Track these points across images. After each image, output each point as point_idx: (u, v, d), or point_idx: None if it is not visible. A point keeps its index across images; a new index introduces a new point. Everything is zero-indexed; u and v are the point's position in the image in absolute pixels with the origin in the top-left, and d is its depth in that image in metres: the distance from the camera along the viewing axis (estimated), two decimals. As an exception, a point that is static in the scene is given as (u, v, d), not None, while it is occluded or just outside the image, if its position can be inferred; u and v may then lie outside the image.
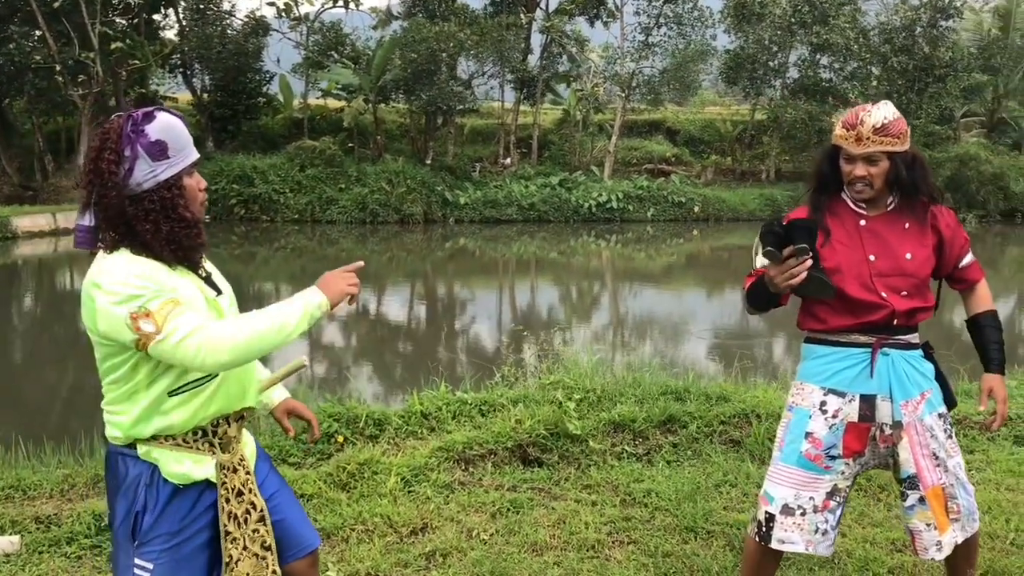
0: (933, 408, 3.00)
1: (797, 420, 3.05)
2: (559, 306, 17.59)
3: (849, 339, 2.97)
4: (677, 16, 30.42)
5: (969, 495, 3.03)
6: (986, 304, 3.15)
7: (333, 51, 29.19)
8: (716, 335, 13.73)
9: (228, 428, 2.37)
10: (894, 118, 2.82)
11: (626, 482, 4.48)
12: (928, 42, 30.46)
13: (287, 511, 2.52)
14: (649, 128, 35.33)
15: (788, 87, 31.99)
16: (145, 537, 2.25)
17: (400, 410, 5.12)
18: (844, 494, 3.04)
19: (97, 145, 2.21)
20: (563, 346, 7.17)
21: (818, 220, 2.97)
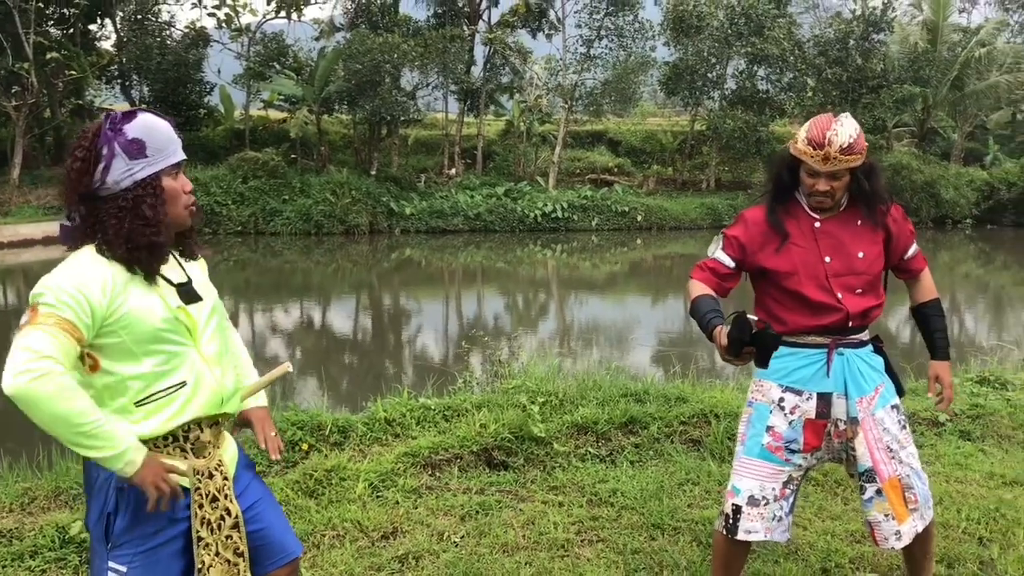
0: (886, 401, 3.13)
1: (758, 415, 3.16)
2: (509, 315, 17.66)
3: (806, 340, 3.08)
4: (618, 29, 30.85)
5: (924, 484, 3.16)
6: (930, 293, 3.31)
7: (275, 62, 28.95)
8: (662, 340, 13.93)
9: (201, 434, 2.35)
10: (857, 135, 2.91)
11: (591, 483, 4.55)
12: (861, 54, 31.30)
13: (269, 519, 2.51)
14: (592, 139, 35.72)
15: (726, 98, 32.59)
16: (118, 540, 2.24)
17: (364, 417, 5.13)
18: (797, 483, 3.18)
19: (76, 144, 2.22)
20: (518, 353, 7.23)
21: (776, 222, 3.08)
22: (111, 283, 2.15)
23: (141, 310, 2.18)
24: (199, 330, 2.32)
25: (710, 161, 33.25)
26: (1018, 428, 5.56)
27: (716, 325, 2.93)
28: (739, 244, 3.10)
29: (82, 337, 2.10)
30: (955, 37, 34.41)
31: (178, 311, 2.26)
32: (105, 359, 2.19)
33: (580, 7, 30.85)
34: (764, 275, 3.12)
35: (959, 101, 34.47)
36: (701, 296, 3.06)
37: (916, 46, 32.53)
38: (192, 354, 2.29)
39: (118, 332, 2.16)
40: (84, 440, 2.08)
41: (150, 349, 2.20)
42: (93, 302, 2.10)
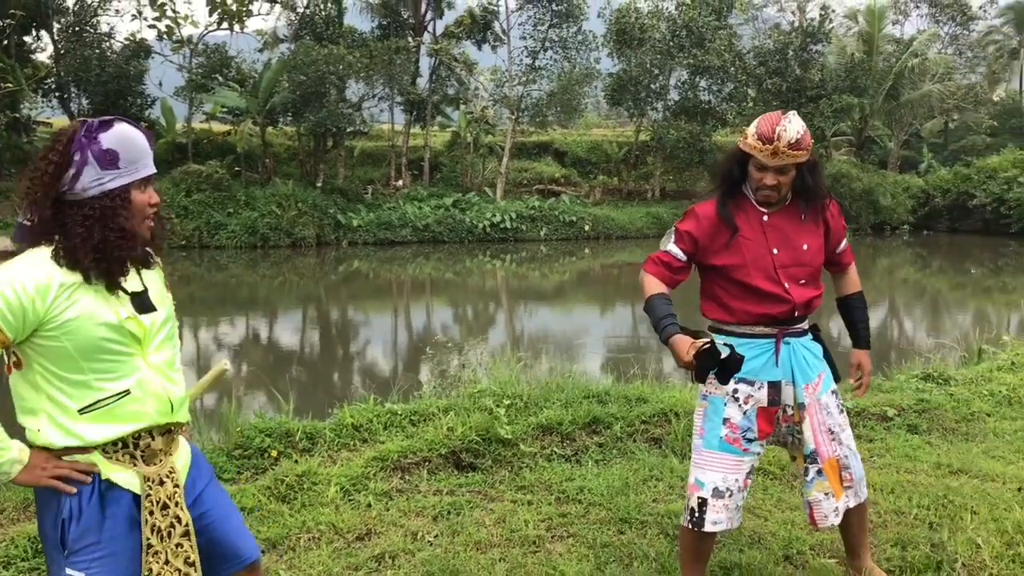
0: (827, 387, 3.33)
1: (713, 408, 3.30)
2: (462, 325, 17.73)
3: (755, 331, 3.24)
4: (562, 40, 31.18)
5: (859, 464, 3.36)
6: (855, 286, 3.53)
7: (218, 74, 28.73)
8: (613, 347, 14.13)
9: (152, 441, 2.35)
10: (804, 132, 3.09)
11: (559, 481, 4.65)
12: (799, 65, 32.05)
13: (223, 524, 2.51)
14: (538, 149, 35.99)
15: (670, 108, 33.11)
16: (74, 546, 2.23)
17: (332, 423, 5.18)
18: (753, 474, 3.34)
19: (47, 146, 2.23)
20: (477, 360, 7.32)
21: (727, 216, 3.23)
22: (55, 288, 2.15)
23: (86, 318, 2.18)
24: (148, 339, 2.32)
25: (655, 171, 33.73)
26: (961, 421, 5.81)
27: (672, 333, 3.05)
28: (691, 238, 3.25)
29: (7, 340, 2.14)
30: (889, 48, 35.43)
31: (127, 321, 2.25)
32: (44, 360, 2.19)
33: (525, 19, 31.17)
34: (714, 269, 3.27)
35: (894, 110, 35.49)
36: (655, 296, 3.18)
37: (853, 57, 33.41)
38: (138, 363, 2.29)
39: (59, 337, 2.17)
40: None
41: (92, 356, 2.20)
42: (27, 307, 2.12)
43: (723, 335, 3.27)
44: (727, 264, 3.21)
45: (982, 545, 3.79)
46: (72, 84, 28.55)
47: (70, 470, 2.23)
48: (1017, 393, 6.32)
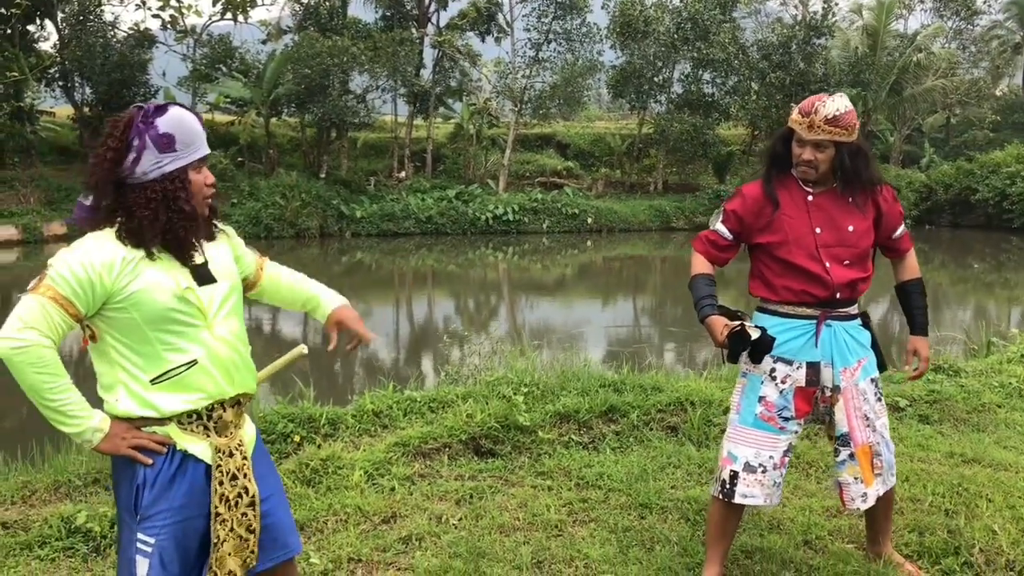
0: (867, 374, 3.38)
1: (751, 386, 3.38)
2: (468, 316, 17.81)
3: (797, 311, 3.31)
4: (566, 32, 31.11)
5: (890, 452, 3.43)
6: (913, 272, 3.57)
7: (222, 64, 28.73)
8: (620, 337, 14.20)
9: (224, 413, 2.45)
10: (846, 111, 3.15)
11: (578, 468, 4.72)
12: (803, 59, 32.01)
13: (279, 514, 2.59)
14: (541, 142, 35.98)
15: (673, 101, 33.08)
16: (147, 512, 2.34)
17: (352, 409, 5.24)
18: (791, 451, 3.41)
19: (107, 132, 2.33)
20: (490, 349, 7.39)
21: (770, 192, 3.30)
22: (120, 264, 2.27)
23: (151, 289, 2.29)
24: (212, 310, 2.41)
25: (658, 164, 33.73)
26: (972, 412, 5.87)
27: (708, 314, 3.22)
28: (737, 217, 3.34)
29: (78, 313, 2.25)
30: (893, 42, 35.37)
31: (187, 291, 2.35)
32: (116, 332, 2.31)
33: (528, 11, 31.08)
34: (759, 247, 3.34)
35: (898, 105, 35.49)
36: (699, 276, 3.35)
37: (856, 51, 33.39)
38: (204, 334, 2.39)
39: (127, 308, 2.28)
40: (49, 413, 2.27)
41: (159, 327, 2.31)
42: (95, 280, 2.24)
43: (767, 313, 3.35)
44: (770, 241, 3.28)
45: (999, 532, 3.86)
46: (76, 73, 28.50)
47: (148, 440, 2.34)
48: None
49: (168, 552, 2.37)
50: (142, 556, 2.36)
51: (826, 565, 3.60)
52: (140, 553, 2.36)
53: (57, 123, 30.16)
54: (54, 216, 24.62)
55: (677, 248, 28.42)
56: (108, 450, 2.35)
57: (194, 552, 2.44)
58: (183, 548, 2.41)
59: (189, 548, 2.43)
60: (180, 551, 2.40)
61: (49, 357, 2.23)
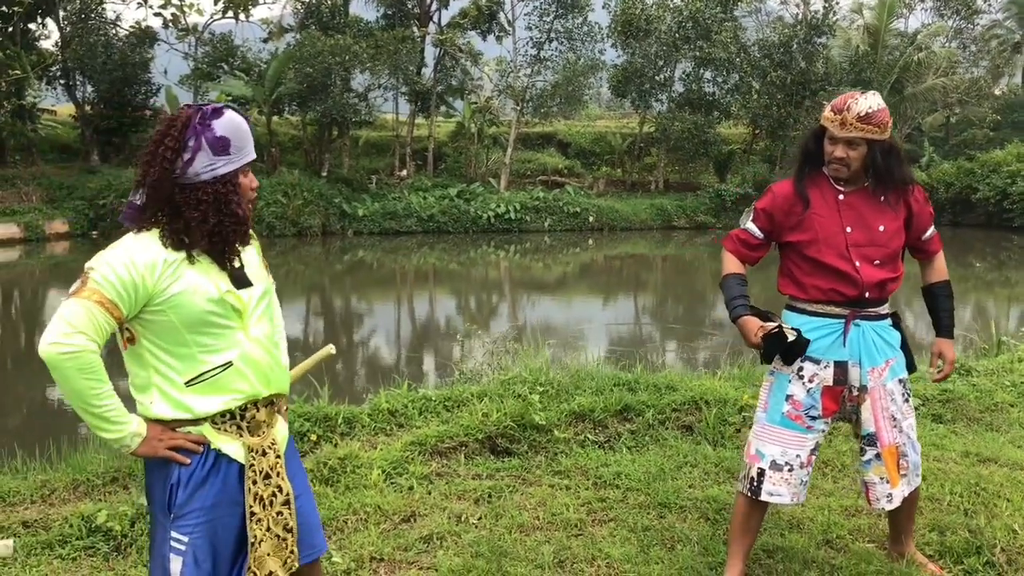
0: (895, 374, 3.37)
1: (779, 384, 3.39)
2: (476, 314, 17.80)
3: (826, 310, 3.31)
4: (568, 31, 31.12)
5: (916, 453, 3.43)
6: (941, 275, 3.56)
7: (224, 63, 28.72)
8: (619, 335, 14.21)
9: (257, 413, 2.46)
10: (878, 109, 3.14)
11: (595, 467, 4.72)
12: (804, 58, 32.00)
13: (306, 514, 2.59)
14: (542, 140, 36.01)
15: (674, 100, 33.08)
16: (180, 511, 2.35)
17: (368, 408, 5.24)
18: (818, 449, 3.42)
19: (162, 130, 2.33)
20: (502, 348, 7.39)
21: (801, 190, 3.31)
22: (161, 266, 2.26)
23: (191, 292, 2.29)
24: (248, 313, 2.42)
25: (659, 162, 33.76)
26: (985, 411, 5.88)
27: (741, 314, 3.24)
28: (767, 215, 3.34)
29: (121, 316, 2.25)
30: (894, 41, 35.40)
31: (227, 294, 2.36)
32: (151, 335, 2.31)
33: (530, 9, 31.09)
34: (789, 246, 3.34)
35: (898, 104, 35.43)
36: (731, 275, 3.36)
37: (857, 49, 33.40)
38: (239, 336, 2.39)
39: (165, 311, 2.28)
40: (91, 419, 2.26)
41: (197, 329, 2.31)
42: (138, 282, 2.23)
43: (796, 312, 3.36)
44: (800, 240, 3.29)
45: (1019, 531, 3.86)
46: (77, 71, 28.49)
47: (184, 441, 2.35)
48: (1039, 384, 6.40)
49: (202, 550, 2.38)
50: (175, 554, 2.36)
51: (848, 565, 3.60)
52: (174, 551, 2.37)
53: (58, 121, 30.14)
54: (55, 214, 24.63)
55: (678, 247, 28.44)
56: (146, 453, 2.35)
57: (229, 552, 2.44)
58: (216, 547, 2.41)
59: (222, 547, 2.43)
60: (213, 550, 2.40)
61: (97, 363, 2.23)
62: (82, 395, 2.23)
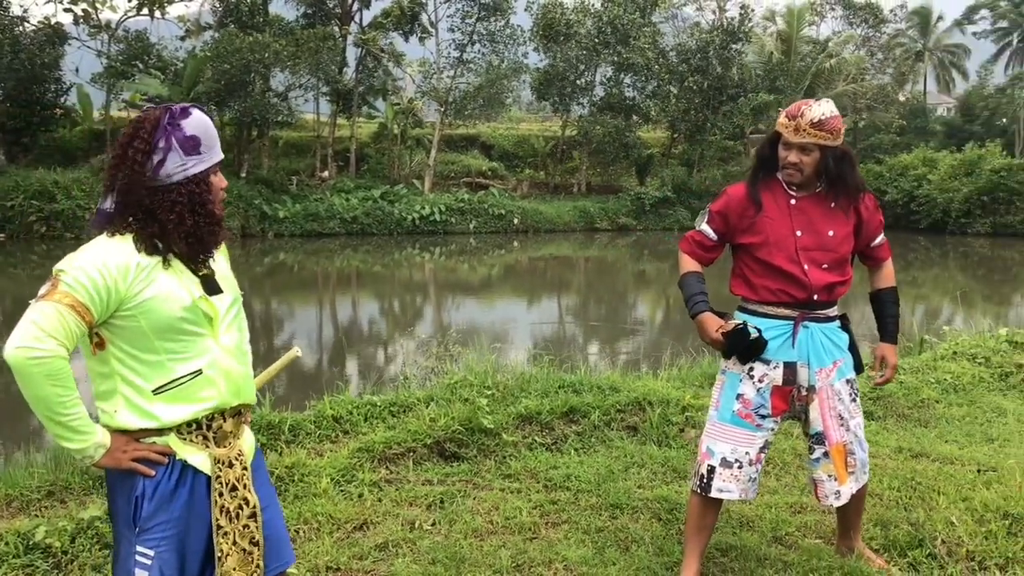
0: (843, 375, 3.47)
1: (730, 383, 3.46)
2: (396, 317, 17.68)
3: (776, 311, 3.38)
4: (490, 34, 31.26)
5: (864, 451, 3.53)
6: (889, 281, 3.67)
7: (139, 61, 27.94)
8: (543, 335, 14.30)
9: (224, 423, 2.39)
10: (831, 115, 3.23)
11: (544, 469, 4.73)
12: (720, 63, 32.75)
13: (274, 527, 2.54)
14: (465, 143, 36.06)
15: (595, 104, 33.47)
16: (146, 524, 2.27)
17: (312, 415, 5.16)
18: (768, 448, 3.49)
19: (130, 132, 2.25)
20: (438, 351, 7.34)
21: (753, 194, 3.37)
22: (135, 270, 2.19)
23: (162, 298, 2.22)
24: (218, 320, 2.36)
25: (581, 165, 34.12)
26: (913, 408, 6.10)
27: (701, 311, 3.29)
28: (722, 217, 3.40)
29: (92, 320, 2.16)
30: (806, 48, 36.43)
31: (200, 300, 2.30)
32: (120, 341, 2.23)
33: (453, 11, 31.14)
34: (742, 247, 3.41)
35: (809, 109, 36.44)
36: (689, 274, 3.42)
37: (771, 56, 34.27)
38: (210, 343, 2.33)
39: (136, 316, 2.20)
40: (55, 428, 2.17)
41: (166, 336, 2.24)
42: (111, 286, 2.15)
43: (747, 312, 3.42)
44: (752, 242, 3.35)
45: (956, 523, 4.01)
46: (-19, 70, 27.40)
47: (149, 452, 2.27)
48: (961, 380, 6.65)
49: (169, 565, 2.30)
50: (141, 569, 2.28)
51: (800, 561, 3.68)
52: (139, 566, 2.28)
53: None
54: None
55: (601, 248, 28.76)
56: (109, 465, 2.26)
57: (195, 568, 2.37)
58: (183, 561, 2.34)
59: (190, 562, 2.35)
60: (180, 564, 2.33)
61: (66, 369, 2.13)
62: (48, 403, 2.13)
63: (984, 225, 31.54)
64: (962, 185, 31.48)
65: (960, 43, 57.87)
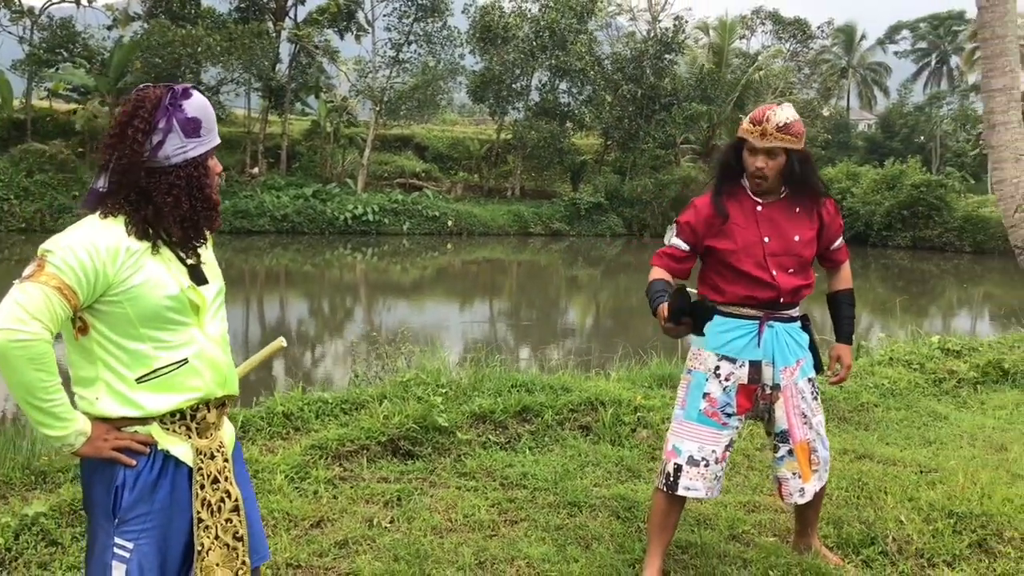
0: (805, 374, 3.54)
1: (696, 382, 3.49)
2: (325, 318, 17.47)
3: (741, 312, 3.44)
4: (427, 34, 31.14)
5: (825, 448, 3.61)
6: (846, 283, 3.76)
7: (63, 49, 27.12)
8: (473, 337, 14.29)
9: (208, 414, 2.33)
10: (795, 119, 3.30)
11: (500, 468, 4.72)
12: (654, 73, 33.20)
13: (252, 522, 2.48)
14: (400, 143, 35.87)
15: (531, 109, 33.61)
16: (126, 515, 2.19)
17: (262, 411, 5.06)
18: (732, 446, 3.54)
19: (128, 111, 2.17)
20: (386, 350, 7.26)
21: (718, 204, 3.42)
22: (124, 254, 2.12)
23: (150, 285, 2.15)
24: (205, 310, 2.30)
25: (515, 169, 34.20)
26: (853, 411, 6.24)
27: (659, 303, 3.27)
28: (690, 228, 3.43)
29: (78, 304, 2.08)
30: (737, 61, 37.17)
31: (188, 290, 2.24)
32: (103, 326, 2.15)
33: (389, 11, 30.93)
34: (711, 253, 3.45)
35: (740, 121, 37.18)
36: (655, 279, 3.43)
37: (703, 68, 34.88)
38: (196, 333, 2.27)
39: (122, 303, 2.13)
40: (35, 414, 2.08)
41: (152, 324, 2.17)
42: (99, 269, 2.07)
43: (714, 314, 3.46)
44: (721, 249, 3.39)
45: (905, 522, 4.11)
46: None
47: (130, 441, 2.19)
48: (897, 385, 6.84)
49: (148, 559, 2.22)
50: (119, 562, 2.20)
51: (759, 558, 3.73)
52: (117, 559, 2.20)
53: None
54: None
55: (534, 252, 28.87)
56: (89, 453, 2.17)
57: (176, 562, 2.29)
58: (163, 556, 2.26)
59: (170, 557, 2.28)
60: (161, 559, 2.25)
61: (50, 353, 2.04)
62: (30, 388, 2.04)
63: (904, 238, 32.58)
64: (884, 199, 32.47)
65: (882, 62, 59.85)
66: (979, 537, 3.96)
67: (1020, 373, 7.34)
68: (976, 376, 7.18)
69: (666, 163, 35.50)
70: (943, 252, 32.31)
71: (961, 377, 7.14)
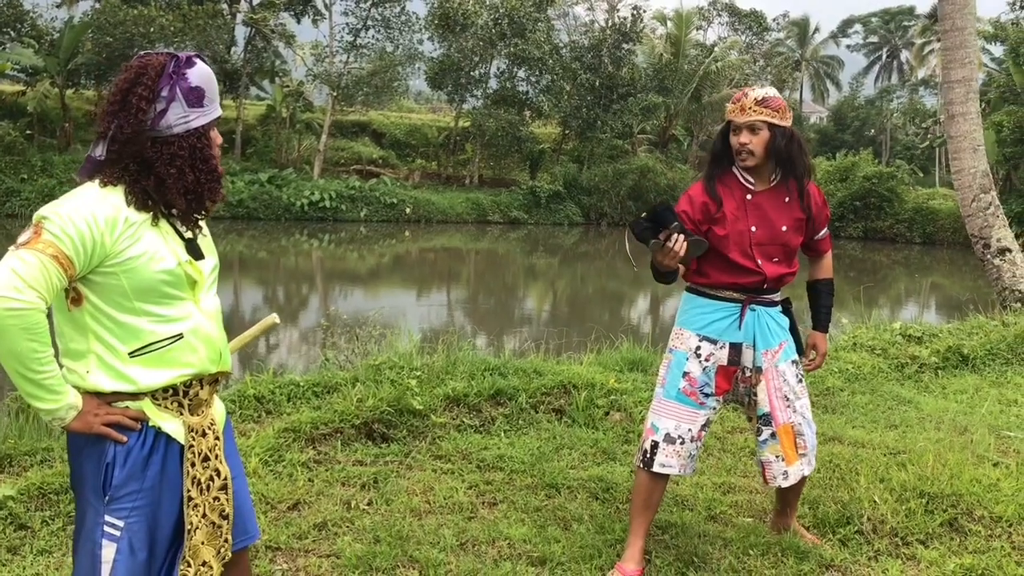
0: (788, 357, 3.56)
1: (676, 361, 3.51)
2: (288, 303, 17.29)
3: (724, 294, 3.46)
4: (385, 20, 30.88)
5: (812, 432, 3.63)
6: (827, 272, 3.79)
7: (10, 28, 26.42)
8: (431, 325, 14.25)
9: (200, 390, 2.28)
10: (774, 95, 3.35)
11: (476, 450, 4.70)
12: (612, 63, 33.29)
13: (241, 499, 2.44)
14: (356, 129, 35.55)
15: (489, 97, 33.52)
16: (116, 492, 2.14)
17: (233, 394, 4.98)
18: (709, 426, 3.57)
19: (130, 78, 2.11)
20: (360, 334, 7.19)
21: (711, 190, 3.43)
22: (122, 224, 2.06)
23: (147, 257, 2.10)
24: (201, 285, 2.25)
25: (473, 157, 34.10)
26: (820, 395, 6.32)
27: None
28: (688, 217, 3.43)
29: (74, 274, 2.03)
30: (694, 52, 37.42)
31: (186, 264, 2.19)
32: (97, 298, 2.09)
33: (347, -5, 30.59)
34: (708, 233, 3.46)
35: (696, 111, 37.53)
36: None
37: (661, 58, 35.06)
38: (191, 308, 2.22)
39: (117, 274, 2.07)
40: (26, 385, 2.02)
41: (147, 298, 2.12)
42: (97, 239, 2.02)
43: (697, 295, 3.51)
44: (718, 234, 3.40)
45: (879, 502, 4.16)
46: None
47: (121, 417, 2.13)
48: (861, 370, 6.94)
49: (138, 537, 2.17)
50: (109, 540, 2.14)
51: (738, 538, 3.76)
52: (107, 537, 2.14)
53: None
54: None
55: (492, 240, 28.84)
56: (79, 428, 2.11)
57: (165, 541, 2.24)
58: (153, 534, 2.21)
59: (159, 535, 2.22)
60: (151, 537, 2.20)
61: (44, 323, 1.97)
62: (23, 358, 1.97)
63: (856, 229, 33.10)
64: (836, 190, 32.93)
65: (835, 55, 60.66)
66: (950, 516, 4.03)
67: (979, 359, 7.49)
68: (937, 361, 7.31)
69: (623, 152, 35.68)
70: (894, 243, 32.92)
71: (923, 362, 7.26)
